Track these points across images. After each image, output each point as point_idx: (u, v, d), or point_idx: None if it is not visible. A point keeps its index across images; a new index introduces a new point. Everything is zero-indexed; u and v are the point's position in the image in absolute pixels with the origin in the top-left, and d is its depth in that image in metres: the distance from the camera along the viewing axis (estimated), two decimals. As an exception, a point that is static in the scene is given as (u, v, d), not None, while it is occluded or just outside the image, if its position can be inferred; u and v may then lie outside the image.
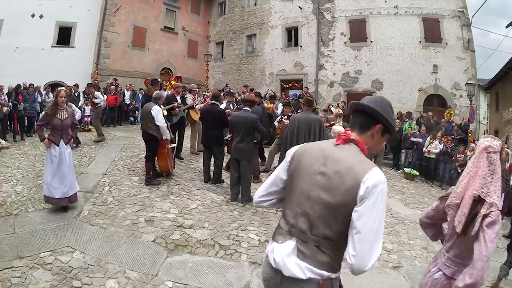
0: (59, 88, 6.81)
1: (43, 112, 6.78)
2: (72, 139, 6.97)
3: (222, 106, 10.23)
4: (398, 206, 9.16)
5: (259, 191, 2.33)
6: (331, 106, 17.42)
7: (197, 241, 5.67)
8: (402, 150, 14.82)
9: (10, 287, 4.31)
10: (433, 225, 2.93)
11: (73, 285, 4.37)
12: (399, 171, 14.40)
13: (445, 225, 2.79)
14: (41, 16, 22.01)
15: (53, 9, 21.98)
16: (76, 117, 7.44)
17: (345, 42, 21.94)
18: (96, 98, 12.63)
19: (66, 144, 6.53)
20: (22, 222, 6.05)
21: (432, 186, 13.07)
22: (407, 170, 13.57)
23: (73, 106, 12.91)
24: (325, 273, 1.95)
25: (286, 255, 1.99)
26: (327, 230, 1.90)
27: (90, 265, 4.81)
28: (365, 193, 1.76)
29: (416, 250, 6.33)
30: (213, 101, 8.84)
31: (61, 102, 6.44)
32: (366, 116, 2.01)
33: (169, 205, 7.06)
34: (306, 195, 1.99)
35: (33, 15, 21.81)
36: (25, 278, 4.46)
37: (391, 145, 15.30)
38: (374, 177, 1.79)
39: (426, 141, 13.83)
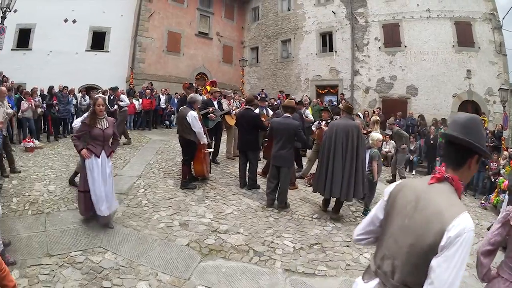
0: (97, 95, 6.18)
1: (79, 122, 6.23)
2: (113, 153, 6.37)
3: (256, 111, 10.20)
4: None
5: (357, 229, 2.32)
6: (366, 112, 17.22)
7: (231, 246, 5.61)
8: (437, 158, 14.33)
9: (37, 283, 4.32)
10: (493, 251, 2.80)
11: (102, 286, 4.38)
12: None
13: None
14: (74, 21, 22.73)
15: (86, 15, 22.65)
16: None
17: (379, 47, 21.62)
18: (122, 101, 12.77)
19: (107, 157, 6.01)
20: (53, 221, 6.12)
21: (465, 195, 12.56)
22: (441, 178, 13.11)
23: (123, 96, 13.22)
24: None
25: None
26: (408, 277, 1.84)
27: (122, 266, 4.82)
28: (446, 242, 1.66)
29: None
30: (247, 106, 8.80)
31: (99, 111, 5.89)
32: (462, 149, 1.90)
33: (204, 209, 7.04)
34: (394, 238, 1.95)
35: (66, 20, 22.54)
36: (54, 276, 4.49)
37: (426, 153, 15.05)
38: (460, 225, 1.66)
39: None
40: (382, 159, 10.02)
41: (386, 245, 2.00)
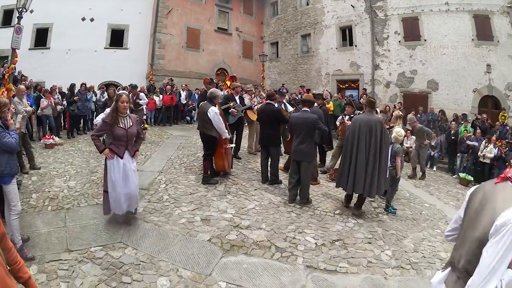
0: (120, 92, 5.81)
1: (100, 120, 5.99)
2: (137, 152, 6.01)
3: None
4: (453, 213, 8.51)
5: (448, 226, 2.59)
6: (388, 107, 17.03)
7: (253, 242, 5.60)
8: (458, 154, 14.17)
9: (56, 279, 4.35)
10: None
11: (122, 281, 4.40)
12: (454, 176, 13.74)
13: None
14: (92, 20, 23.16)
15: (104, 13, 23.07)
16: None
17: (399, 41, 21.26)
18: (141, 100, 12.84)
19: (132, 157, 5.72)
20: (73, 217, 6.17)
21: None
22: (462, 175, 12.91)
23: (142, 95, 13.26)
24: None
25: (438, 281, 2.34)
26: (468, 265, 2.07)
27: (142, 261, 4.84)
28: (493, 231, 1.87)
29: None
30: (268, 101, 8.76)
31: (122, 108, 5.50)
32: None
33: (226, 204, 7.02)
34: (464, 230, 2.24)
35: (83, 19, 23.01)
36: (73, 271, 4.52)
37: (446, 149, 14.84)
38: (507, 216, 1.84)
39: (481, 145, 13.22)
40: (404, 155, 9.91)
41: (458, 237, 2.33)
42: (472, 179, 12.68)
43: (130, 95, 12.65)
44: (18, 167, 5.85)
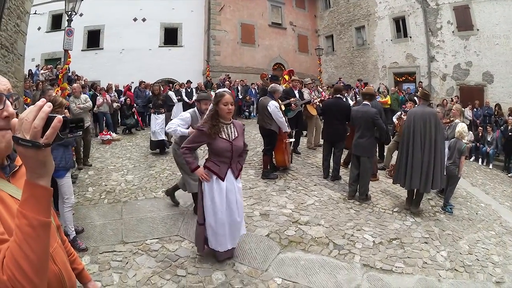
0: (220, 90, 4.45)
1: (196, 129, 4.57)
2: (241, 171, 4.73)
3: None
4: (508, 214, 8.10)
5: None
6: (445, 100, 16.61)
7: (311, 238, 5.59)
8: (516, 152, 13.37)
9: (108, 269, 4.49)
10: None
11: (177, 274, 4.45)
12: (509, 175, 12.90)
13: None
14: (143, 20, 24.01)
15: (155, 13, 23.83)
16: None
17: (452, 31, 20.32)
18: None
19: (236, 178, 4.55)
20: (130, 209, 6.40)
21: None
22: (518, 174, 12.22)
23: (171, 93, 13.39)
24: None
25: None
26: None
27: (198, 255, 4.86)
28: None
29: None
30: (337, 95, 8.63)
31: (226, 112, 4.24)
32: None
33: (286, 200, 7.02)
34: None
35: (135, 19, 23.91)
36: (126, 263, 4.66)
37: (503, 146, 14.00)
38: None
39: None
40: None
41: None
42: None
43: (189, 90, 12.92)
44: (74, 161, 6.03)
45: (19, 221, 1.06)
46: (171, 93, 14.07)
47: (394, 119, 9.79)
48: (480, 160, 14.12)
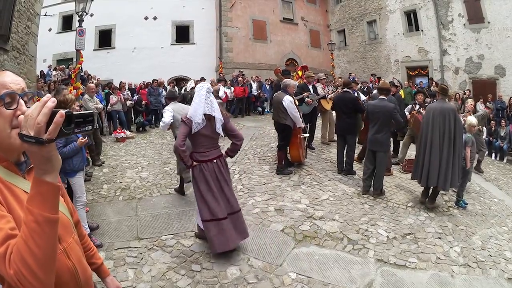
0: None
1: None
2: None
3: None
4: None
5: None
6: (457, 94, 16.48)
7: (326, 233, 5.62)
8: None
9: (123, 265, 4.56)
10: None
11: (192, 269, 4.51)
12: None
13: None
14: (155, 18, 24.13)
15: (166, 11, 23.94)
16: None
17: (464, 24, 20.12)
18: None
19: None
20: (145, 206, 6.49)
21: None
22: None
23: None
24: None
25: None
26: None
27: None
28: None
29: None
30: (345, 89, 8.65)
31: None
32: None
33: (300, 195, 7.06)
34: None
35: (146, 18, 24.05)
36: (141, 259, 4.72)
37: None
38: None
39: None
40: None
41: None
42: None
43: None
44: (85, 162, 6.08)
45: (26, 217, 1.09)
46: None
47: (406, 112, 9.77)
48: (493, 154, 13.92)
